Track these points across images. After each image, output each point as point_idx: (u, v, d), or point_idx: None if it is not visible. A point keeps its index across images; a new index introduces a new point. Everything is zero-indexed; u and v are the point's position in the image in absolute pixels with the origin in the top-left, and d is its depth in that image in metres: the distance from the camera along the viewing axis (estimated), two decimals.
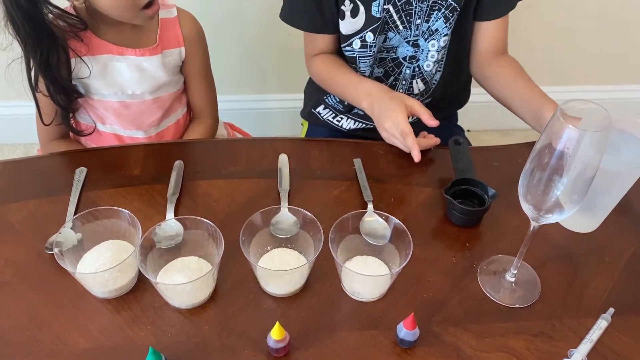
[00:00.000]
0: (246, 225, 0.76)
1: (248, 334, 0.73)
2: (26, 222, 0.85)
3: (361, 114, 1.18)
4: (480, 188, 0.87)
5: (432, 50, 1.08)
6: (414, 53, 1.10)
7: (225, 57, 1.30)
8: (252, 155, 0.99)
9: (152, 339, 0.72)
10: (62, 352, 0.70)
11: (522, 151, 0.99)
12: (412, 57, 1.10)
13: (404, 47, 1.09)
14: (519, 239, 0.80)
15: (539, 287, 0.79)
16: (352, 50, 1.08)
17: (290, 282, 0.76)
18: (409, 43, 1.08)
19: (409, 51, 1.09)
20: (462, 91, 1.25)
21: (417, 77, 1.13)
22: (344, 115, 1.22)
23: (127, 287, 0.76)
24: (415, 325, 0.69)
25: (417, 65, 1.11)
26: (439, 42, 1.07)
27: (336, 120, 1.23)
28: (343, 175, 0.94)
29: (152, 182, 0.91)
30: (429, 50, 1.08)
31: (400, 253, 0.77)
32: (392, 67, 1.13)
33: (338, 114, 1.22)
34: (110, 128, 1.13)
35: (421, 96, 1.16)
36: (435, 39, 1.07)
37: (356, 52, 1.07)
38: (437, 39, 1.07)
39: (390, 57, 1.11)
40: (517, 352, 0.72)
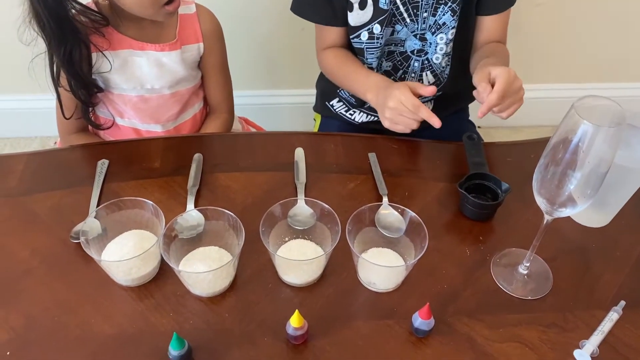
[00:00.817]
0: (266, 216, 0.78)
1: (267, 322, 0.75)
2: (51, 212, 0.87)
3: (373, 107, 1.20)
4: (494, 183, 0.89)
5: (441, 44, 1.10)
6: (421, 47, 1.11)
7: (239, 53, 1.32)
8: (269, 149, 1.01)
9: (174, 325, 0.74)
10: (88, 337, 0.73)
11: (535, 147, 1.00)
12: (420, 50, 1.12)
13: (412, 40, 1.10)
14: (531, 233, 0.82)
15: (551, 280, 0.80)
16: (360, 42, 1.09)
17: (307, 272, 0.78)
18: (416, 37, 1.09)
19: (416, 45, 1.11)
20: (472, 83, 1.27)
21: (426, 69, 1.15)
22: (356, 109, 1.23)
23: (150, 275, 0.79)
24: (430, 315, 0.71)
25: (425, 59, 1.13)
26: (447, 35, 1.08)
27: (349, 114, 1.24)
28: (358, 169, 0.96)
29: (172, 174, 0.94)
30: (437, 44, 1.10)
31: (415, 245, 0.79)
32: (400, 61, 1.14)
33: (351, 107, 1.24)
34: (129, 122, 1.16)
35: None
36: (443, 32, 1.08)
37: (364, 44, 1.09)
38: (445, 32, 1.08)
39: (398, 50, 1.12)
40: (529, 342, 0.74)
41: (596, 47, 1.87)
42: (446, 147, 1.01)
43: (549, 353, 0.72)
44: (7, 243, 0.83)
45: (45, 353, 0.71)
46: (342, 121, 1.26)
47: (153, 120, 1.15)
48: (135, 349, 0.72)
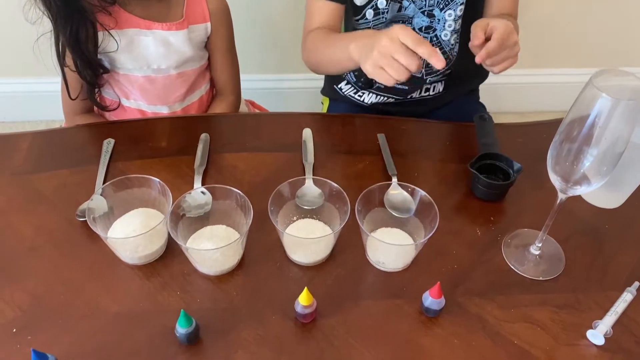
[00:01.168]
0: (274, 195, 0.77)
1: (275, 300, 0.74)
2: (56, 191, 0.86)
3: (381, 87, 1.17)
4: (505, 163, 0.87)
5: (449, 20, 1.07)
6: (429, 23, 1.09)
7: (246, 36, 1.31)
8: (276, 129, 0.99)
9: (181, 304, 0.73)
10: (95, 315, 0.72)
11: (547, 128, 0.98)
12: (428, 27, 1.09)
13: (419, 17, 1.08)
14: (543, 213, 0.81)
15: (564, 261, 0.79)
16: (367, 21, 1.07)
17: (316, 251, 0.77)
18: (424, 13, 1.07)
19: (424, 21, 1.08)
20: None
21: (434, 46, 1.12)
22: (365, 91, 1.21)
23: (157, 254, 0.78)
24: (441, 294, 0.70)
25: (434, 35, 1.10)
26: (455, 11, 1.06)
27: (357, 96, 1.23)
28: (367, 150, 0.95)
29: (178, 154, 0.93)
30: (446, 20, 1.07)
31: (425, 225, 0.78)
32: None
33: (359, 89, 1.22)
34: (135, 103, 1.14)
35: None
36: (451, 8, 1.06)
37: (370, 23, 1.06)
38: (453, 9, 1.06)
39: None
40: (541, 322, 0.72)
41: (608, 31, 1.84)
42: (456, 128, 1.00)
43: (561, 333, 0.71)
44: (12, 221, 0.82)
45: (51, 331, 0.70)
46: (351, 103, 1.24)
47: (160, 102, 1.13)
48: (142, 327, 0.71)
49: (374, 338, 0.71)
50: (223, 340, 0.70)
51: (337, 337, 0.70)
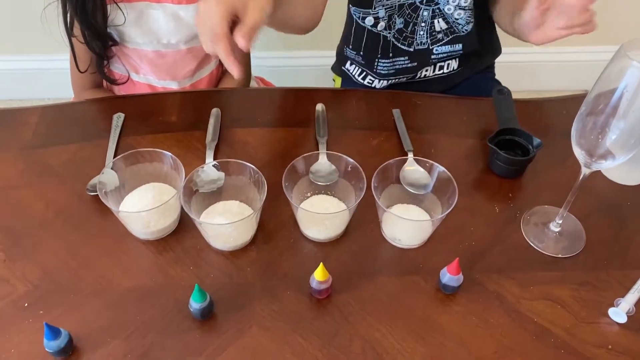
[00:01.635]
0: (288, 170, 0.75)
1: (290, 276, 0.73)
2: (66, 166, 0.85)
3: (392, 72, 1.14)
4: (525, 138, 0.85)
5: None
6: None
7: None
8: (289, 104, 0.97)
9: (195, 279, 0.72)
10: (106, 290, 0.71)
11: (567, 103, 0.97)
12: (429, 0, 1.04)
13: None
14: (562, 190, 0.79)
15: (584, 238, 0.77)
16: None
17: (330, 227, 0.76)
18: None
19: None
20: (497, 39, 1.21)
21: (437, 17, 1.08)
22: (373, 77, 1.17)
23: (169, 229, 0.76)
24: (459, 271, 0.69)
25: (436, 8, 1.05)
26: None
27: (367, 82, 1.20)
28: (381, 126, 0.93)
29: (189, 129, 0.91)
30: None
31: (443, 202, 0.76)
32: (409, 14, 1.07)
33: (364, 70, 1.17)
34: (144, 78, 1.12)
35: (445, 35, 1.09)
36: None
37: None
38: None
39: (407, 2, 1.05)
40: (561, 300, 0.71)
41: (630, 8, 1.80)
42: (473, 103, 0.97)
43: (581, 311, 0.70)
44: (22, 196, 0.81)
45: (62, 306, 0.69)
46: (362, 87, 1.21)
47: (169, 77, 1.11)
48: (154, 302, 0.70)
49: (390, 315, 0.69)
50: (237, 315, 0.69)
51: (352, 314, 0.69)
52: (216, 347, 0.66)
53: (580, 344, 0.67)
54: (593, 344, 0.67)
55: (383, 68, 1.09)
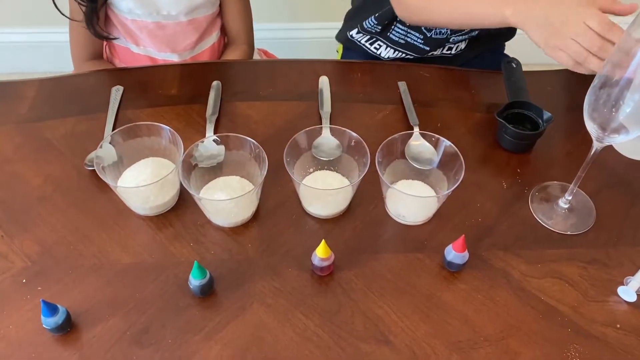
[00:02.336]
0: (290, 145, 0.73)
1: (291, 253, 0.71)
2: (64, 139, 0.83)
3: (402, 43, 1.10)
4: (535, 112, 0.83)
5: None
6: None
7: None
8: (291, 77, 0.95)
9: (195, 255, 0.71)
10: (105, 266, 0.70)
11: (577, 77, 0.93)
12: None
13: None
14: (572, 165, 0.77)
15: (594, 215, 0.75)
16: None
17: (333, 203, 0.74)
18: None
19: None
20: None
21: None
22: (382, 42, 1.14)
23: (169, 204, 0.75)
24: (465, 248, 0.67)
25: None
26: None
27: (374, 48, 1.16)
28: (387, 99, 0.90)
29: (189, 102, 0.89)
30: None
31: (449, 177, 0.74)
32: None
33: (374, 36, 1.13)
34: (145, 50, 1.10)
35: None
36: None
37: None
38: None
39: None
40: (569, 278, 0.69)
41: None
42: (482, 75, 0.94)
43: (589, 290, 0.68)
44: (19, 170, 0.79)
45: (60, 281, 0.68)
46: (366, 54, 1.18)
47: (170, 49, 1.09)
48: (153, 278, 0.69)
49: (394, 292, 0.68)
50: (238, 292, 0.68)
51: (355, 291, 0.68)
52: (216, 324, 0.65)
53: (587, 323, 0.66)
54: (601, 323, 0.66)
55: (395, 34, 1.05)
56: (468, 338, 0.64)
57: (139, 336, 0.64)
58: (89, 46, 1.07)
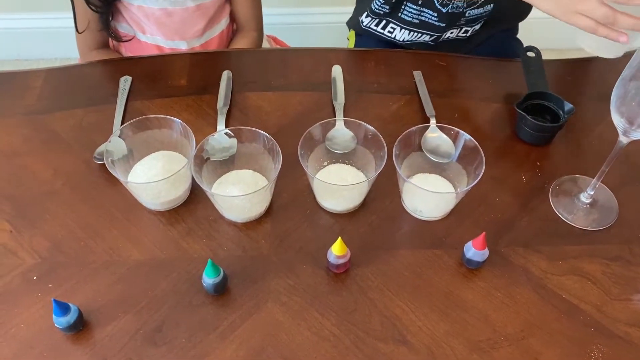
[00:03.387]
0: (304, 138, 0.71)
1: (306, 249, 0.70)
2: (72, 132, 0.81)
3: (416, 22, 1.07)
4: (555, 103, 0.80)
5: None
6: None
7: None
8: (303, 66, 0.92)
9: (208, 252, 0.69)
10: (117, 262, 0.69)
11: (599, 65, 0.91)
12: None
13: None
14: (593, 158, 0.75)
15: (616, 210, 0.73)
16: None
17: (349, 198, 0.72)
18: None
19: None
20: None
21: None
22: (395, 24, 1.10)
23: (180, 199, 0.73)
24: (485, 246, 0.65)
25: None
26: None
27: (387, 32, 1.13)
28: (402, 89, 0.88)
29: (200, 92, 0.86)
30: None
31: (468, 171, 0.72)
32: None
33: (384, 19, 1.09)
34: (152, 39, 1.07)
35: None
36: None
37: None
38: None
39: None
40: (591, 275, 0.68)
41: None
42: (500, 64, 0.92)
43: (612, 288, 0.67)
44: (28, 163, 0.78)
45: (72, 278, 0.67)
46: (380, 40, 1.15)
47: (177, 36, 1.06)
48: (166, 275, 0.67)
49: (411, 290, 0.66)
50: (252, 289, 0.66)
51: (371, 289, 0.66)
52: (231, 322, 0.64)
53: (611, 322, 0.64)
54: (625, 322, 0.64)
55: (408, 14, 1.02)
56: (488, 337, 0.63)
57: (152, 335, 0.63)
58: (95, 35, 1.05)
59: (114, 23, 1.07)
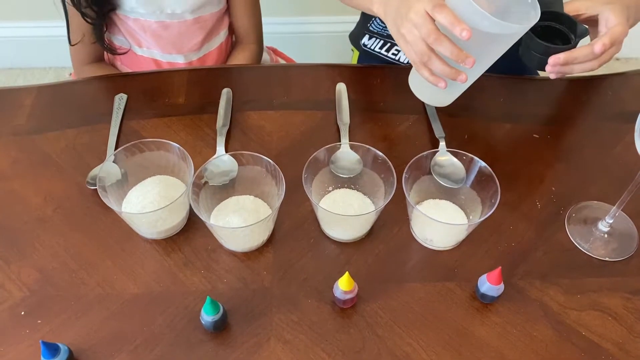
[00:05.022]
0: (309, 163, 0.67)
1: (310, 281, 0.66)
2: (65, 153, 0.78)
3: None
4: (567, 25, 0.74)
5: None
6: None
7: None
8: (306, 83, 0.89)
9: (206, 284, 0.66)
10: (110, 296, 0.65)
11: (613, 84, 0.87)
12: None
13: None
14: (611, 182, 0.72)
15: (637, 239, 0.70)
16: None
17: (355, 226, 0.69)
18: None
19: None
20: None
21: None
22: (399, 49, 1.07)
23: (178, 227, 0.70)
24: (500, 280, 0.62)
25: None
26: None
27: (392, 54, 1.09)
28: (409, 108, 0.84)
29: (198, 111, 0.83)
30: None
31: (482, 199, 0.69)
32: None
33: (387, 41, 1.06)
34: (148, 52, 1.04)
35: None
36: None
37: None
38: None
39: None
40: (612, 310, 0.64)
41: None
42: (511, 82, 0.88)
43: (636, 324, 0.63)
44: (17, 188, 0.74)
45: (62, 313, 0.63)
46: (383, 62, 1.11)
47: (175, 50, 1.03)
48: (162, 310, 0.64)
49: (422, 326, 0.63)
50: (253, 326, 0.63)
51: (380, 325, 0.63)
52: None
53: None
54: None
55: None
56: None
57: None
58: (89, 47, 1.01)
59: (109, 35, 1.03)
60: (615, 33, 0.70)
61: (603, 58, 0.71)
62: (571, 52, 0.70)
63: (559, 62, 0.70)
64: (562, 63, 0.70)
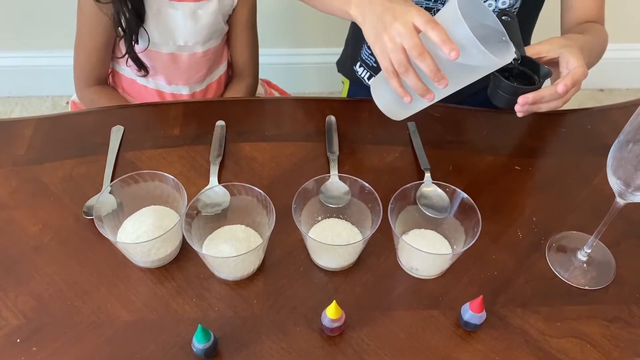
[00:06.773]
0: (299, 194, 0.70)
1: (299, 309, 0.68)
2: (62, 184, 0.80)
3: None
4: (530, 67, 0.78)
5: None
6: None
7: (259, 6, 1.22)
8: (297, 116, 0.92)
9: (198, 312, 0.67)
10: (104, 324, 0.67)
11: (593, 117, 0.91)
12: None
13: None
14: (589, 213, 0.74)
15: (614, 268, 0.72)
16: None
17: (343, 256, 0.71)
18: None
19: None
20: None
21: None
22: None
23: (171, 256, 0.72)
24: (482, 308, 0.64)
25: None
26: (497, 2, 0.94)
27: None
28: (396, 140, 0.87)
29: (193, 143, 0.86)
30: None
31: (466, 228, 0.71)
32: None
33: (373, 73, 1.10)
34: (154, 83, 1.07)
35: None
36: None
37: None
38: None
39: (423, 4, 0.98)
40: (590, 338, 0.66)
41: None
42: (494, 115, 0.91)
43: (613, 351, 0.65)
44: (14, 217, 0.76)
45: (57, 340, 0.65)
46: None
47: (182, 81, 1.06)
48: (155, 337, 0.65)
49: (408, 354, 0.65)
50: (243, 353, 0.64)
51: (367, 352, 0.65)
52: None
53: None
54: None
55: None
56: None
57: None
58: (95, 70, 1.03)
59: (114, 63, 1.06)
60: (577, 74, 0.75)
61: (566, 97, 0.76)
62: (539, 92, 0.75)
63: (528, 101, 0.74)
64: (531, 102, 0.75)
